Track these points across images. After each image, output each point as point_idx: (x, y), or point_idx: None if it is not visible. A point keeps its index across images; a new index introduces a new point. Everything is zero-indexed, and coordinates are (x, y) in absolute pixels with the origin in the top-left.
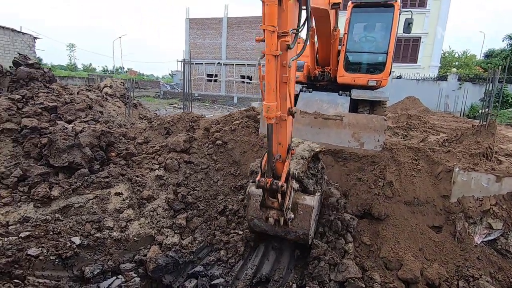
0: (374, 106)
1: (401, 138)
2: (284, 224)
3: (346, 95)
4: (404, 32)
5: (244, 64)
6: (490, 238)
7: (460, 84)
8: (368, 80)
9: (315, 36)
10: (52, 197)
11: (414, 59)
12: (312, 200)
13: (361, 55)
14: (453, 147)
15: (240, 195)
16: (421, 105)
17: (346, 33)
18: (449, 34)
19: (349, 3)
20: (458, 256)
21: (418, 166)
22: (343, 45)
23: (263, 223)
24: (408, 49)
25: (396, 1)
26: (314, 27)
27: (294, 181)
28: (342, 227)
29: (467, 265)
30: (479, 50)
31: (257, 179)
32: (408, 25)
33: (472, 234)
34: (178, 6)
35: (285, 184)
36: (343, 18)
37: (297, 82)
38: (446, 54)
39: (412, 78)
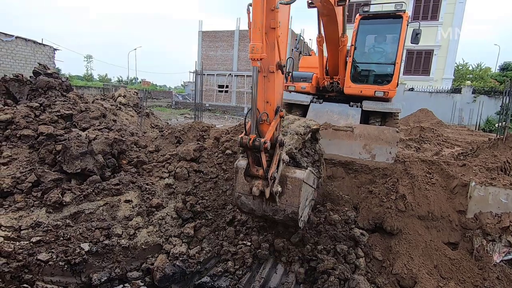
0: (385, 117)
1: (414, 150)
2: (271, 199)
3: (357, 107)
4: (412, 43)
5: None
6: (510, 257)
7: (474, 97)
8: (375, 91)
9: (324, 44)
10: (64, 203)
11: (426, 72)
12: (302, 174)
13: (368, 66)
14: (468, 160)
15: None
16: (435, 117)
17: (353, 45)
18: (462, 46)
19: (357, 15)
20: (476, 275)
21: (432, 179)
22: (350, 56)
23: (251, 200)
24: (420, 62)
25: (405, 12)
26: (323, 34)
27: (284, 152)
28: (351, 243)
29: (485, 285)
30: (493, 62)
31: (240, 136)
32: (416, 35)
33: (490, 252)
34: (192, 19)
35: (269, 141)
36: (350, 30)
37: (304, 93)
38: (460, 67)
39: (425, 90)
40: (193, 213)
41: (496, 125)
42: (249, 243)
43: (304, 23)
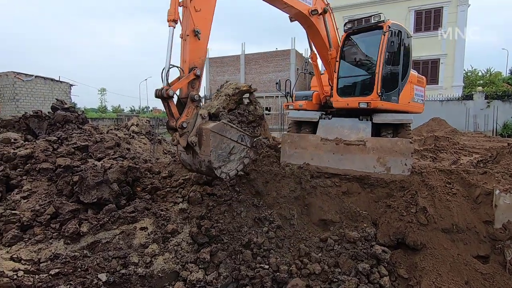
0: (397, 129)
1: (430, 161)
2: (193, 151)
3: (367, 120)
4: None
5: (263, 96)
6: None
7: (488, 103)
8: (359, 102)
9: (317, 60)
10: (81, 233)
11: (435, 80)
12: (212, 124)
13: (351, 79)
14: (489, 167)
15: (265, 226)
16: (448, 126)
17: (337, 60)
18: (469, 53)
19: (343, 33)
20: None
21: (452, 189)
22: (335, 71)
23: (186, 156)
24: (427, 71)
25: (385, 22)
26: (314, 50)
27: (202, 108)
28: (373, 261)
29: None
30: (502, 67)
31: (155, 89)
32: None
33: None
34: None
35: (172, 90)
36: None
37: (302, 109)
38: (469, 74)
39: (435, 99)
40: (208, 237)
41: None
42: (267, 266)
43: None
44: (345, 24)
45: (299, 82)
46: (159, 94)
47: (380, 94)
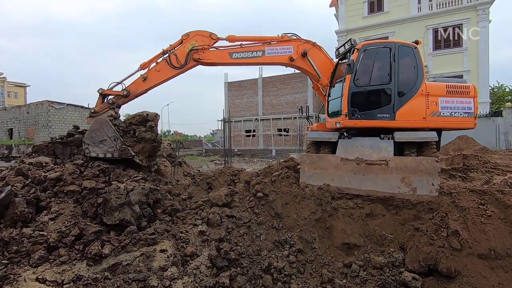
0: (421, 147)
1: (460, 180)
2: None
3: (389, 139)
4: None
5: (280, 118)
6: None
7: None
8: (335, 122)
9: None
10: (103, 255)
11: None
12: (101, 116)
13: (333, 102)
14: None
15: (285, 250)
16: (477, 144)
17: (327, 85)
18: (494, 68)
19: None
20: None
21: (487, 211)
22: (326, 95)
23: None
24: None
25: (359, 43)
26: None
27: (111, 110)
28: None
29: None
30: None
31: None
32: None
33: None
34: (217, 73)
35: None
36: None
37: (332, 130)
38: (495, 89)
39: None
40: (227, 261)
41: None
42: None
43: None
44: (336, 50)
45: (319, 104)
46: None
47: (347, 114)
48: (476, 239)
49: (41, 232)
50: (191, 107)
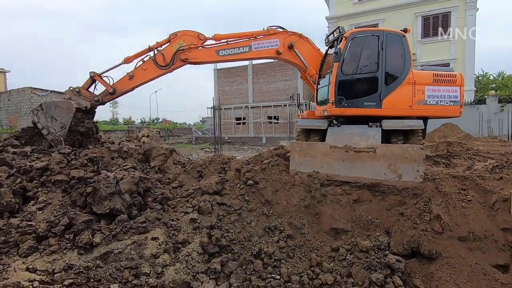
0: (408, 135)
1: (443, 167)
2: None
3: (377, 126)
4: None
5: (271, 106)
6: None
7: (502, 107)
8: (323, 110)
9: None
10: (94, 244)
11: None
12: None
13: (321, 90)
14: (506, 173)
15: (275, 236)
16: (461, 131)
17: (316, 73)
18: (479, 56)
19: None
20: None
21: (467, 196)
22: (314, 83)
23: None
24: None
25: (345, 32)
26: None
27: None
28: (387, 271)
29: None
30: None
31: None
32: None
33: None
34: None
35: (95, 75)
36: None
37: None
38: (480, 77)
39: None
40: (219, 247)
41: None
42: (278, 277)
43: None
44: (326, 38)
45: (310, 92)
46: (92, 75)
47: (334, 102)
48: (456, 223)
49: (29, 222)
50: (180, 94)
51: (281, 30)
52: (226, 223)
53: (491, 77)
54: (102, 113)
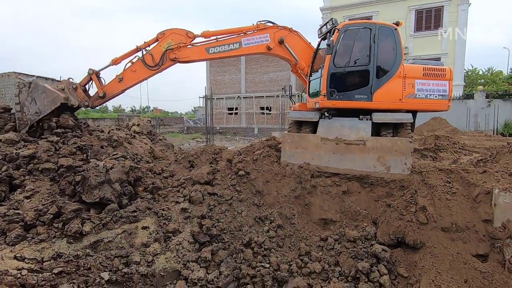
0: (397, 128)
1: (430, 160)
2: None
3: (367, 119)
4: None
5: (263, 96)
6: None
7: (489, 102)
8: (315, 102)
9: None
10: (84, 233)
11: None
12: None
13: (313, 82)
14: (489, 167)
15: (265, 226)
16: (449, 125)
17: (309, 65)
18: (470, 52)
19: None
20: None
21: (452, 189)
22: (306, 75)
23: None
24: None
25: (337, 24)
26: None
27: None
28: (373, 260)
29: None
30: (503, 66)
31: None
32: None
33: None
34: None
35: (94, 72)
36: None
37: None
38: (469, 73)
39: None
40: (209, 237)
41: None
42: (267, 265)
43: None
44: (318, 29)
45: (302, 84)
46: (91, 72)
47: (325, 94)
48: (441, 214)
49: (16, 211)
50: (172, 82)
51: (271, 24)
52: (217, 212)
53: (480, 72)
54: None
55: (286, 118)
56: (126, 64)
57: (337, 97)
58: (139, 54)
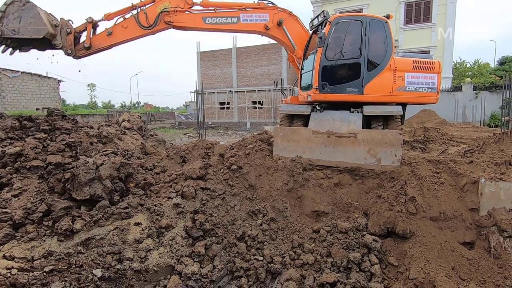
0: (387, 121)
1: (420, 151)
2: None
3: (358, 112)
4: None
5: (255, 90)
6: None
7: (476, 94)
8: (307, 95)
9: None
10: (75, 230)
11: None
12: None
13: (305, 75)
14: (476, 157)
15: (258, 219)
16: (438, 117)
17: (301, 58)
18: (458, 44)
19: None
20: (496, 274)
21: (440, 179)
22: (299, 68)
23: None
24: None
25: (329, 17)
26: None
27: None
28: (365, 250)
29: (508, 284)
30: (490, 59)
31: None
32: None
33: (509, 249)
34: (189, 41)
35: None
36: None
37: (306, 103)
38: (457, 65)
39: None
40: (203, 231)
41: (503, 119)
42: (261, 258)
43: None
44: (310, 22)
45: (294, 77)
46: (90, 21)
47: (317, 87)
48: (429, 204)
49: (4, 210)
50: (162, 77)
51: (271, 5)
52: (210, 207)
53: (468, 65)
54: (80, 97)
55: (278, 112)
56: (117, 19)
57: (329, 90)
58: (134, 12)
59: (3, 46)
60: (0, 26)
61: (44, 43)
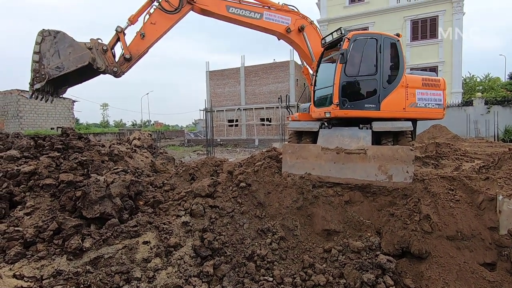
0: (397, 137)
1: (432, 167)
2: None
3: (367, 128)
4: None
5: (263, 108)
6: None
7: (488, 108)
8: (325, 112)
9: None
10: (84, 249)
11: None
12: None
13: (319, 91)
14: (491, 173)
15: (268, 238)
16: (449, 132)
17: (313, 74)
18: (466, 59)
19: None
20: None
21: (455, 196)
22: (312, 84)
23: None
24: None
25: (347, 33)
26: (305, 64)
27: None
28: (378, 271)
29: None
30: (499, 73)
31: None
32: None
33: None
34: (198, 60)
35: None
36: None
37: (314, 120)
38: (467, 80)
39: None
40: (211, 250)
41: None
42: (271, 279)
43: None
44: (322, 39)
45: (300, 93)
46: (120, 30)
47: (338, 103)
48: (445, 222)
49: (16, 228)
50: (172, 96)
51: (295, 10)
52: (219, 225)
53: (478, 79)
54: (93, 116)
55: (286, 129)
56: (144, 18)
57: (348, 106)
58: (155, 4)
59: (44, 93)
60: (43, 69)
61: (87, 71)
